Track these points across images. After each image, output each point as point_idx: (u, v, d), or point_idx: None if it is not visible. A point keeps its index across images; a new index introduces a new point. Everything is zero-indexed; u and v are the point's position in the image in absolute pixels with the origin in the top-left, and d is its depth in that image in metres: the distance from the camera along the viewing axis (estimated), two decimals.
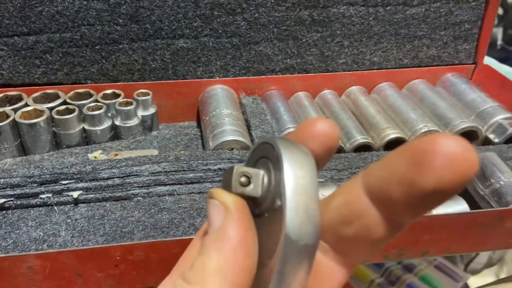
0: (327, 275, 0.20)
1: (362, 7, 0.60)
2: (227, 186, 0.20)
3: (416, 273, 0.84)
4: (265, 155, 0.20)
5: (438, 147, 0.15)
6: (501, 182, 0.45)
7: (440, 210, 0.44)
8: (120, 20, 0.56)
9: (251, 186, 0.19)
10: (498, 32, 1.89)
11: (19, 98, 0.54)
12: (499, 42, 1.86)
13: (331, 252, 0.20)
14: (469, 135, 0.56)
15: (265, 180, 0.19)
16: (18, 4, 0.53)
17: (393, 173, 0.16)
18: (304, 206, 0.18)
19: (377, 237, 0.18)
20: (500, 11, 1.88)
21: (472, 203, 0.47)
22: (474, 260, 0.86)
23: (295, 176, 0.18)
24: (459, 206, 0.44)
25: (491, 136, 0.56)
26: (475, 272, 0.86)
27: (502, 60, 0.78)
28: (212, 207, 0.19)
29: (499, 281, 0.50)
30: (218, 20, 0.58)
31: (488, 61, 0.73)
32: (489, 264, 0.86)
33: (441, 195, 0.15)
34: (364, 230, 0.18)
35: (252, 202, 0.20)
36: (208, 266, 0.17)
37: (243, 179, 0.19)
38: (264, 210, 0.19)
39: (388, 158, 0.17)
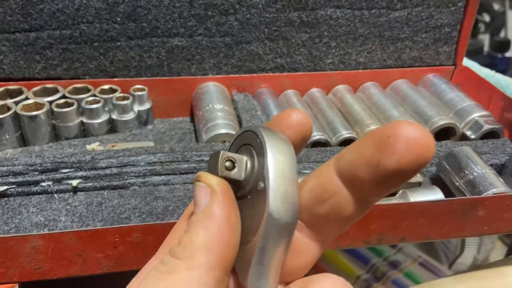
0: (302, 250, 0.22)
1: (348, 10, 0.64)
2: (212, 170, 0.21)
3: (401, 270, 0.86)
4: (247, 142, 0.22)
5: (400, 132, 0.17)
6: (475, 173, 0.48)
7: (417, 198, 0.47)
8: (118, 19, 0.58)
9: (235, 170, 0.21)
10: (485, 39, 1.94)
11: (20, 92, 0.57)
12: (486, 48, 1.91)
13: (306, 229, 0.21)
14: (448, 131, 0.59)
15: (248, 165, 0.21)
16: (20, 2, 0.55)
17: (361, 156, 0.18)
18: (285, 188, 0.20)
19: (347, 215, 0.20)
20: (487, 18, 1.93)
21: (448, 194, 0.50)
22: (458, 261, 0.88)
23: (277, 161, 0.20)
24: (435, 195, 0.47)
25: (468, 133, 0.59)
26: (459, 273, 0.87)
27: (488, 66, 0.81)
28: (199, 189, 0.20)
29: (479, 268, 0.54)
30: (212, 20, 0.61)
31: (469, 64, 0.76)
32: (473, 266, 0.88)
33: (402, 175, 0.17)
34: (336, 208, 0.20)
35: (235, 185, 0.21)
36: (196, 242, 0.19)
37: (228, 163, 0.21)
38: (246, 193, 0.21)
39: (357, 142, 0.19)
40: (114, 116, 0.58)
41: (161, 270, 0.19)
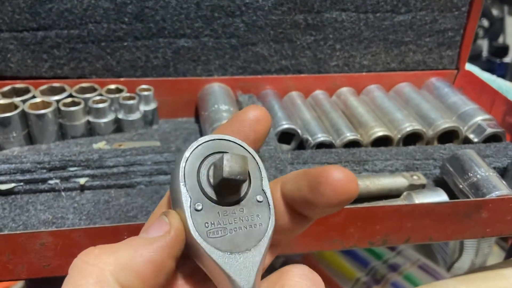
0: None
1: (353, 13, 0.64)
2: (211, 171, 0.22)
3: (400, 272, 0.87)
4: (226, 151, 0.23)
5: (329, 181, 0.20)
6: (478, 176, 0.48)
7: (422, 199, 0.48)
8: (126, 19, 0.59)
9: (242, 174, 0.21)
10: (484, 44, 1.95)
11: (26, 90, 0.57)
12: (485, 53, 1.92)
13: None
14: (451, 134, 0.60)
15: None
16: (29, 1, 0.55)
17: (299, 191, 0.22)
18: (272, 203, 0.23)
19: (293, 230, 0.24)
20: (486, 23, 1.94)
21: (452, 196, 0.50)
22: (456, 265, 0.88)
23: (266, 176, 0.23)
24: (439, 197, 0.48)
25: (471, 136, 0.60)
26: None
27: (487, 71, 0.82)
28: (160, 219, 0.22)
29: (479, 269, 0.54)
30: (218, 21, 0.61)
31: (471, 68, 0.77)
32: (471, 270, 0.88)
33: (331, 210, 0.21)
34: (283, 226, 0.23)
35: (230, 191, 0.22)
36: (122, 254, 0.20)
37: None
38: (237, 201, 0.22)
39: (297, 176, 0.22)
40: (120, 116, 0.58)
41: None
